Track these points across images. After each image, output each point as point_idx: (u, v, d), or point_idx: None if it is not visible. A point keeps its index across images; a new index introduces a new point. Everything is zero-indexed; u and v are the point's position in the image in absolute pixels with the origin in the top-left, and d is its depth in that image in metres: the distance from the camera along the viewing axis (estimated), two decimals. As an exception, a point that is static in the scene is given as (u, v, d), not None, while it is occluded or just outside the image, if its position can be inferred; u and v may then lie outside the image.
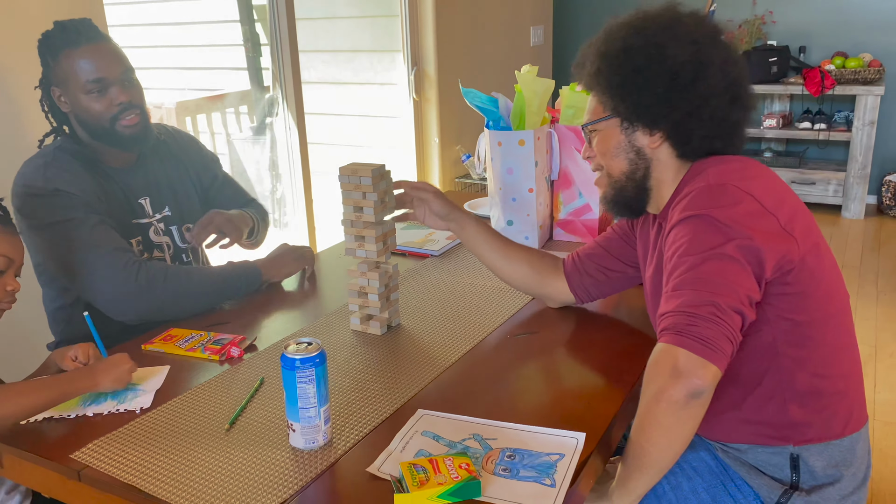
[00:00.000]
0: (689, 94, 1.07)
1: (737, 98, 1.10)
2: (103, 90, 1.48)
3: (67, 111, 1.52)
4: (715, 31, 1.11)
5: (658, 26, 1.09)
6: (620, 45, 1.11)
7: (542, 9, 4.74)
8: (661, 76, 1.08)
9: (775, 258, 0.99)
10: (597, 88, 1.16)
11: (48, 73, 1.51)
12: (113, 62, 1.49)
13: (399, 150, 3.86)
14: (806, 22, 4.68)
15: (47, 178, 1.44)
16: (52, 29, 1.49)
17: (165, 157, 1.67)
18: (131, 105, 1.51)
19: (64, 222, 1.42)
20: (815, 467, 1.09)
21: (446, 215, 1.41)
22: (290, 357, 1.01)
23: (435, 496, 0.92)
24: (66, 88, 1.49)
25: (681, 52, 1.07)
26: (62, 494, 1.07)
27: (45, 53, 1.49)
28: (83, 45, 1.47)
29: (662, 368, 0.94)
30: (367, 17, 3.82)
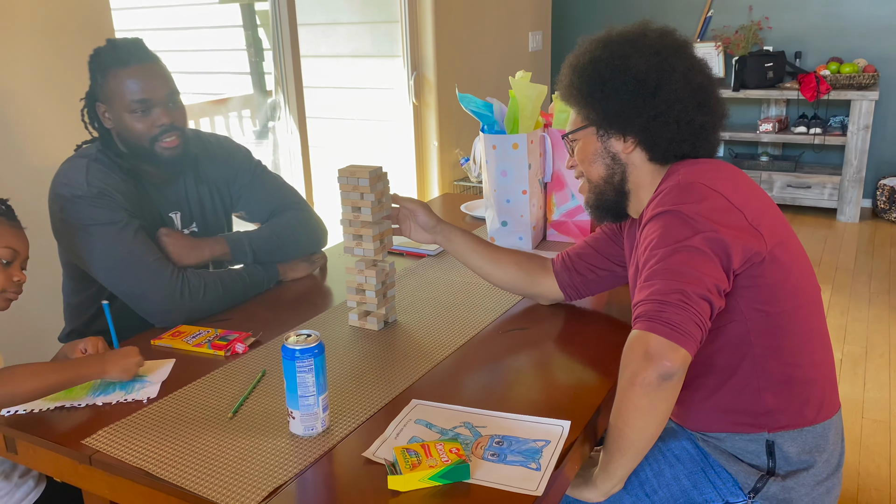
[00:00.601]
0: (654, 100, 1.15)
1: (703, 103, 1.17)
2: (147, 111, 1.51)
3: (110, 127, 1.56)
4: (679, 43, 1.19)
5: (623, 40, 1.18)
6: (588, 59, 1.19)
7: (541, 15, 4.80)
8: (626, 85, 1.15)
9: (742, 251, 1.06)
10: (571, 100, 1.24)
11: (95, 89, 1.54)
12: (159, 84, 1.53)
13: (399, 154, 3.92)
14: (801, 28, 4.74)
15: (90, 180, 1.48)
16: (103, 46, 1.54)
17: (196, 173, 1.69)
18: (173, 127, 1.54)
19: (109, 224, 1.47)
20: (790, 453, 1.14)
21: (432, 227, 1.47)
22: (290, 348, 1.06)
23: (426, 478, 0.97)
24: (111, 105, 1.53)
25: (643, 62, 1.15)
26: (74, 478, 1.13)
27: (95, 70, 1.53)
28: (132, 66, 1.50)
29: (635, 353, 1.00)
30: (367, 23, 3.89)
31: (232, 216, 1.81)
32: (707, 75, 1.19)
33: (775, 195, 4.71)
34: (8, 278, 1.28)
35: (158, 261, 1.50)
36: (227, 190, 1.76)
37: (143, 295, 1.47)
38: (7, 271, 1.28)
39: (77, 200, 1.48)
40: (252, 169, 1.79)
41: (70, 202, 1.48)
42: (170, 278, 1.48)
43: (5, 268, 1.28)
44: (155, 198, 1.62)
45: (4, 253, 1.27)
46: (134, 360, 1.25)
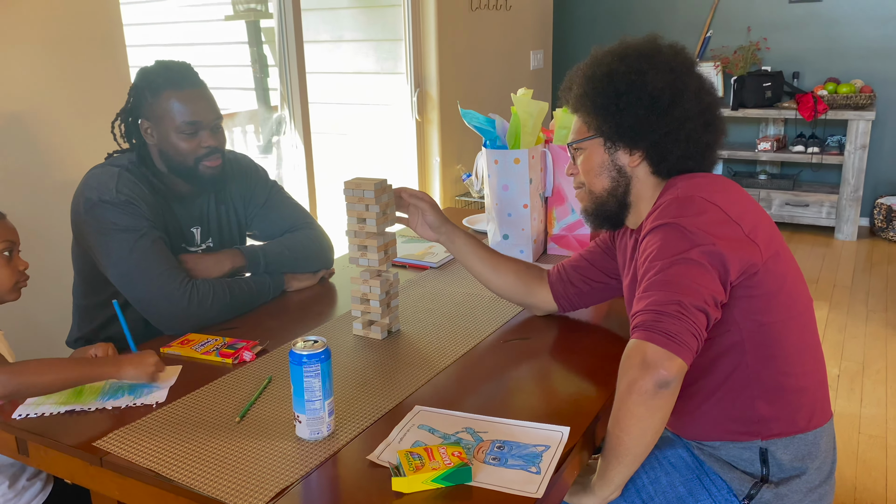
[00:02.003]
0: (667, 117, 1.18)
1: (709, 123, 1.21)
2: (195, 133, 1.58)
3: (152, 143, 1.61)
4: (690, 61, 1.22)
5: (639, 55, 1.20)
6: (605, 71, 1.21)
7: (542, 34, 4.88)
8: (641, 100, 1.18)
9: (739, 262, 1.09)
10: (582, 110, 1.26)
11: (140, 106, 1.59)
12: (208, 109, 1.60)
13: (401, 169, 3.97)
14: (799, 49, 4.81)
15: (119, 188, 1.53)
16: (153, 66, 1.60)
17: (219, 190, 1.75)
18: (216, 150, 1.61)
19: (130, 230, 1.52)
20: (783, 460, 1.17)
21: (438, 227, 1.50)
22: (297, 353, 1.10)
23: (429, 480, 1.00)
24: (157, 124, 1.58)
25: (660, 79, 1.17)
26: (85, 480, 1.15)
27: (144, 88, 1.58)
28: (185, 89, 1.57)
29: (633, 362, 1.03)
30: (371, 41, 3.95)
31: (245, 234, 1.85)
32: (714, 95, 1.23)
33: (774, 213, 4.75)
34: (14, 269, 1.36)
35: (170, 269, 1.53)
36: (243, 208, 1.81)
37: (153, 302, 1.51)
38: (12, 263, 1.35)
39: (103, 205, 1.52)
40: (268, 189, 1.84)
41: (97, 205, 1.53)
42: (179, 286, 1.52)
43: (9, 261, 1.35)
44: (178, 212, 1.67)
45: (4, 246, 1.34)
46: (151, 362, 1.28)
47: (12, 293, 1.39)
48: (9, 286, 1.37)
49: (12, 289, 1.38)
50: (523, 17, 4.57)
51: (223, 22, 4.10)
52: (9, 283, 1.37)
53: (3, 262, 1.35)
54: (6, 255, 1.35)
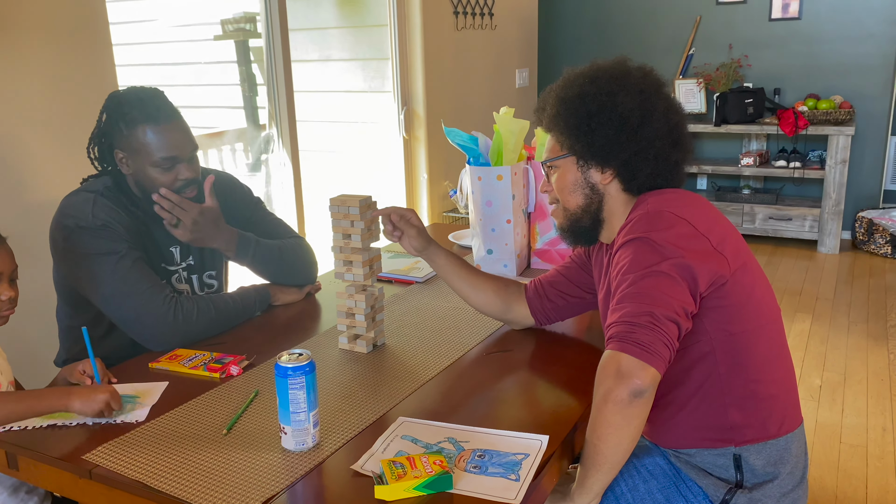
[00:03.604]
0: (637, 136, 1.23)
1: (677, 141, 1.26)
2: (171, 167, 1.59)
3: (127, 173, 1.61)
4: (658, 83, 1.27)
5: (610, 77, 1.25)
6: (577, 92, 1.26)
7: (528, 53, 4.95)
8: (612, 120, 1.23)
9: (708, 274, 1.13)
10: (555, 130, 1.30)
11: (114, 135, 1.59)
12: (185, 142, 1.60)
13: (389, 186, 4.01)
14: (780, 66, 4.91)
15: (95, 213, 1.55)
16: (126, 94, 1.59)
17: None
18: (194, 181, 1.63)
19: (110, 254, 1.53)
20: (756, 466, 1.21)
21: (422, 246, 1.54)
22: (283, 366, 1.12)
23: (411, 488, 1.03)
24: (133, 156, 1.58)
25: (629, 100, 1.22)
26: (74, 493, 1.17)
27: (117, 118, 1.57)
28: (162, 124, 1.57)
29: (608, 372, 1.06)
30: (359, 60, 4.01)
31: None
32: (681, 115, 1.27)
33: (757, 227, 4.82)
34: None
35: (153, 287, 1.56)
36: None
37: (139, 320, 1.53)
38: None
39: (81, 231, 1.54)
40: (252, 206, 1.86)
41: (74, 232, 1.55)
42: (163, 303, 1.54)
43: None
44: (156, 233, 1.68)
45: None
46: (100, 398, 1.23)
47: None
48: None
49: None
50: (508, 37, 4.64)
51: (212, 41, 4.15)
52: None
53: None
54: None
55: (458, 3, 4.04)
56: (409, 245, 1.54)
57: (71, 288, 1.63)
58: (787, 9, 4.83)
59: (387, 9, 3.77)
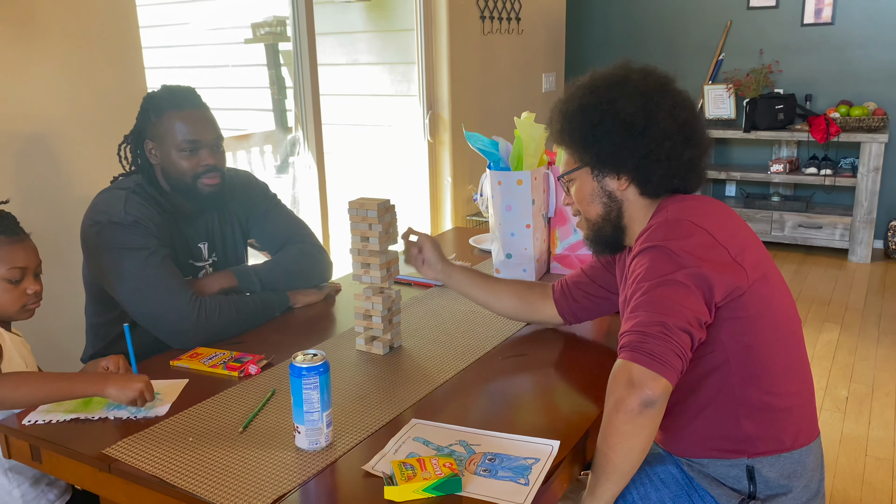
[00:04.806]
0: (644, 138, 1.22)
1: (689, 138, 1.24)
2: (194, 151, 1.65)
3: (155, 163, 1.69)
4: (661, 82, 1.25)
5: (608, 84, 1.25)
6: (577, 105, 1.26)
7: (555, 57, 4.94)
8: (616, 127, 1.23)
9: (724, 285, 1.12)
10: (564, 143, 1.32)
11: (145, 127, 1.68)
12: (208, 128, 1.68)
13: (413, 189, 4.03)
14: (812, 71, 4.84)
15: (127, 209, 1.60)
16: (159, 90, 1.68)
17: (221, 207, 1.82)
18: (216, 168, 1.68)
19: (140, 250, 1.58)
20: (769, 478, 1.19)
21: (438, 267, 1.58)
22: (297, 366, 1.14)
23: (420, 489, 1.04)
24: (160, 143, 1.66)
25: (630, 104, 1.22)
26: (94, 486, 1.20)
27: (149, 110, 1.67)
28: (186, 109, 1.65)
29: (619, 382, 1.06)
30: (385, 64, 4.04)
31: (247, 247, 1.91)
32: (691, 110, 1.25)
33: (786, 235, 4.75)
34: (22, 293, 1.37)
35: (179, 286, 1.59)
36: (245, 221, 1.88)
37: (163, 316, 1.56)
38: (19, 287, 1.36)
39: (113, 226, 1.59)
40: (268, 202, 1.90)
41: (106, 227, 1.59)
42: (187, 302, 1.58)
43: (16, 285, 1.36)
44: (185, 229, 1.74)
45: (12, 273, 1.35)
46: (136, 386, 1.26)
47: (21, 314, 1.41)
48: (14, 309, 1.39)
49: (20, 310, 1.40)
50: (535, 41, 4.64)
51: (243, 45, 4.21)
52: (14, 306, 1.38)
53: (8, 288, 1.36)
54: (13, 282, 1.35)
55: (484, 8, 4.05)
56: (430, 269, 1.59)
57: (99, 285, 1.68)
58: (819, 14, 4.76)
59: (414, 13, 3.79)
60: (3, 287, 1.35)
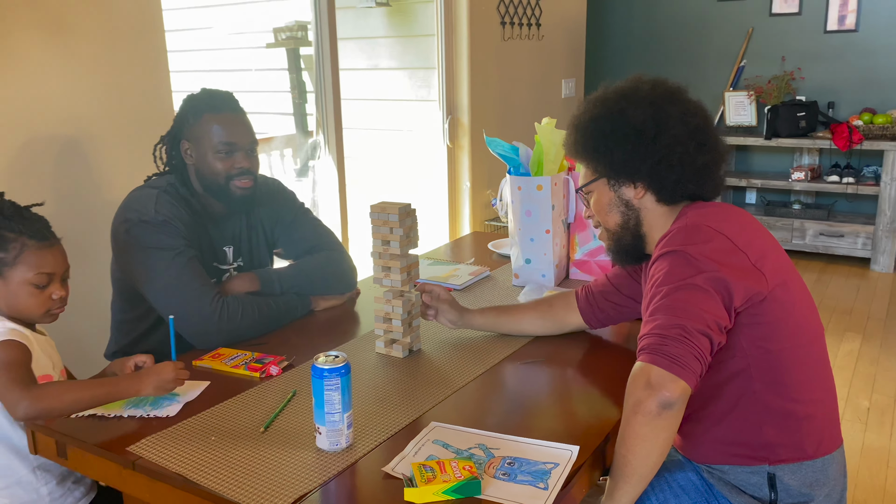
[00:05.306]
0: (656, 145, 1.24)
1: (703, 143, 1.25)
2: (230, 153, 1.68)
3: (190, 163, 1.72)
4: (673, 90, 1.28)
5: (618, 96, 1.28)
6: (589, 117, 1.29)
7: (575, 63, 4.94)
8: (627, 136, 1.25)
9: (744, 290, 1.12)
10: (579, 156, 1.34)
11: (182, 128, 1.71)
12: (244, 132, 1.71)
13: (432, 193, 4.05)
14: (835, 79, 4.79)
15: (158, 209, 1.63)
16: (199, 93, 1.72)
17: (250, 212, 1.84)
18: (249, 171, 1.71)
19: (167, 249, 1.61)
20: (791, 485, 1.19)
21: (457, 319, 1.62)
22: (319, 367, 1.16)
23: (440, 492, 1.05)
24: (197, 144, 1.69)
25: (640, 113, 1.24)
26: (118, 482, 1.22)
27: (188, 111, 1.70)
28: (224, 113, 1.69)
29: (638, 384, 1.07)
30: (406, 69, 4.06)
31: (273, 253, 1.93)
32: (703, 116, 1.27)
33: (807, 243, 4.71)
34: (47, 298, 1.38)
35: (203, 287, 1.62)
36: (272, 229, 1.90)
37: (186, 316, 1.58)
38: (45, 292, 1.38)
39: (143, 225, 1.62)
40: (295, 210, 1.92)
41: (136, 225, 1.62)
42: (211, 302, 1.60)
43: (42, 290, 1.37)
44: (212, 232, 1.76)
45: (39, 279, 1.36)
46: (167, 377, 1.29)
47: (45, 318, 1.41)
48: (39, 313, 1.40)
49: (44, 315, 1.40)
50: (555, 47, 4.64)
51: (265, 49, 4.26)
52: (38, 310, 1.39)
53: (34, 292, 1.37)
54: (39, 287, 1.36)
55: (505, 14, 4.06)
56: (445, 319, 1.61)
57: (126, 282, 1.70)
58: (843, 21, 4.72)
59: (435, 19, 3.81)
60: (28, 291, 1.36)
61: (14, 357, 1.29)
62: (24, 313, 1.37)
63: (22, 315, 1.38)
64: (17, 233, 1.34)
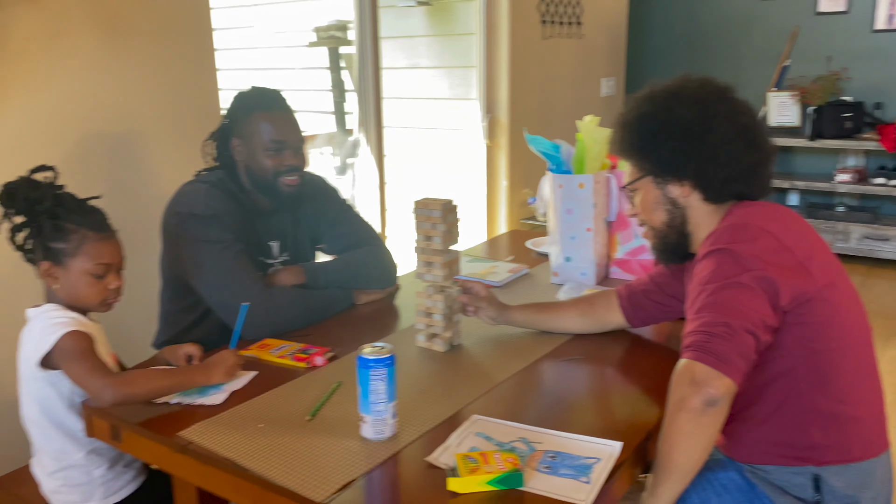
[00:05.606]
0: (703, 144, 1.23)
1: (751, 142, 1.25)
2: (279, 151, 1.72)
3: (240, 160, 1.76)
4: (719, 90, 1.27)
5: (666, 94, 1.28)
6: (636, 115, 1.30)
7: (615, 62, 4.91)
8: (674, 133, 1.25)
9: (790, 289, 1.12)
10: (626, 154, 1.34)
11: (232, 125, 1.75)
12: (293, 130, 1.75)
13: (470, 191, 4.06)
14: (882, 79, 4.68)
15: (207, 203, 1.68)
16: (249, 91, 1.77)
17: (296, 208, 1.88)
18: (297, 168, 1.75)
19: (216, 242, 1.65)
20: (836, 487, 1.18)
21: (496, 314, 1.62)
22: (365, 357, 1.18)
23: (483, 482, 1.06)
24: (246, 141, 1.73)
25: (687, 111, 1.24)
26: (169, 466, 1.26)
27: (238, 109, 1.74)
28: (275, 111, 1.73)
29: (682, 381, 1.07)
30: (445, 68, 4.08)
31: (316, 248, 1.97)
32: (752, 115, 1.27)
33: (851, 246, 4.61)
34: (103, 288, 1.42)
35: (251, 279, 1.66)
36: (316, 225, 1.93)
37: (235, 308, 1.62)
38: (102, 282, 1.42)
39: (193, 218, 1.66)
40: (338, 207, 1.96)
41: (186, 218, 1.67)
42: (259, 295, 1.63)
43: (99, 280, 1.42)
44: (259, 227, 1.81)
45: (97, 269, 1.40)
46: (232, 362, 1.40)
47: (100, 307, 1.46)
48: (95, 302, 1.44)
49: (100, 304, 1.44)
50: (596, 45, 4.62)
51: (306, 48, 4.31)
52: (95, 300, 1.43)
53: (92, 282, 1.41)
54: (97, 277, 1.40)
55: (545, 12, 4.05)
56: (485, 315, 1.62)
57: (175, 273, 1.75)
58: (892, 19, 4.61)
59: (475, 18, 3.82)
60: (87, 281, 1.41)
61: (86, 346, 1.35)
62: (82, 302, 1.42)
63: (80, 304, 1.43)
64: (77, 224, 1.39)
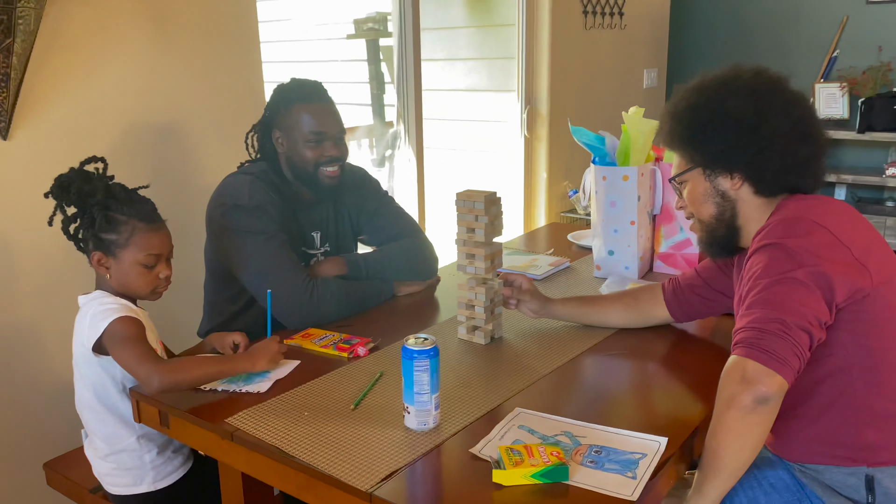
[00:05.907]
0: (756, 136, 1.20)
1: (806, 135, 1.21)
2: (319, 142, 1.74)
3: (281, 151, 1.79)
4: (775, 79, 1.24)
5: (718, 84, 1.25)
6: (686, 105, 1.26)
7: (658, 53, 4.83)
8: (726, 125, 1.22)
9: (846, 286, 1.08)
10: (674, 145, 1.32)
11: (274, 117, 1.78)
12: (333, 122, 1.77)
13: (508, 184, 4.04)
14: (937, 69, 4.53)
15: (251, 194, 1.70)
16: (289, 83, 1.79)
17: (337, 199, 1.90)
18: (338, 159, 1.77)
19: (260, 233, 1.67)
20: (890, 489, 1.14)
21: (539, 307, 1.61)
22: (409, 349, 1.18)
23: (528, 475, 1.06)
24: (287, 133, 1.76)
25: (740, 102, 1.20)
26: (217, 452, 1.28)
27: (279, 101, 1.77)
28: (315, 103, 1.75)
29: (732, 377, 1.05)
30: (485, 59, 4.06)
31: (357, 239, 1.98)
32: (806, 107, 1.23)
33: (902, 243, 4.48)
34: (154, 278, 1.45)
35: (294, 269, 1.67)
36: (357, 216, 1.95)
37: (279, 298, 1.64)
38: (153, 272, 1.45)
39: (237, 209, 1.69)
40: (379, 199, 1.97)
41: (230, 210, 1.69)
42: (302, 285, 1.65)
43: (150, 270, 1.44)
44: (301, 218, 1.83)
45: (148, 259, 1.43)
46: (275, 349, 1.42)
47: (151, 296, 1.48)
48: (146, 291, 1.46)
49: (150, 293, 1.47)
50: (638, 36, 4.55)
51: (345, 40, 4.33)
52: (146, 289, 1.46)
53: (143, 272, 1.44)
54: (148, 267, 1.43)
55: (587, 3, 4.00)
56: (527, 308, 1.61)
57: (220, 264, 1.78)
58: (948, 8, 4.44)
59: (515, 9, 3.79)
60: (138, 271, 1.43)
61: (137, 332, 1.37)
62: (133, 291, 1.45)
63: (131, 292, 1.45)
64: (128, 216, 1.41)
